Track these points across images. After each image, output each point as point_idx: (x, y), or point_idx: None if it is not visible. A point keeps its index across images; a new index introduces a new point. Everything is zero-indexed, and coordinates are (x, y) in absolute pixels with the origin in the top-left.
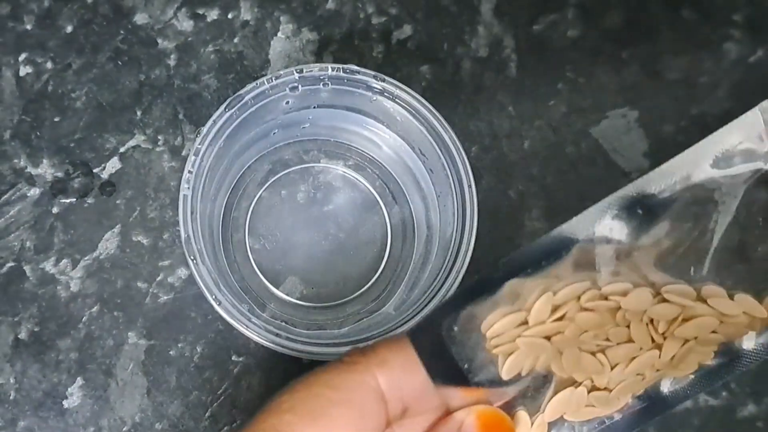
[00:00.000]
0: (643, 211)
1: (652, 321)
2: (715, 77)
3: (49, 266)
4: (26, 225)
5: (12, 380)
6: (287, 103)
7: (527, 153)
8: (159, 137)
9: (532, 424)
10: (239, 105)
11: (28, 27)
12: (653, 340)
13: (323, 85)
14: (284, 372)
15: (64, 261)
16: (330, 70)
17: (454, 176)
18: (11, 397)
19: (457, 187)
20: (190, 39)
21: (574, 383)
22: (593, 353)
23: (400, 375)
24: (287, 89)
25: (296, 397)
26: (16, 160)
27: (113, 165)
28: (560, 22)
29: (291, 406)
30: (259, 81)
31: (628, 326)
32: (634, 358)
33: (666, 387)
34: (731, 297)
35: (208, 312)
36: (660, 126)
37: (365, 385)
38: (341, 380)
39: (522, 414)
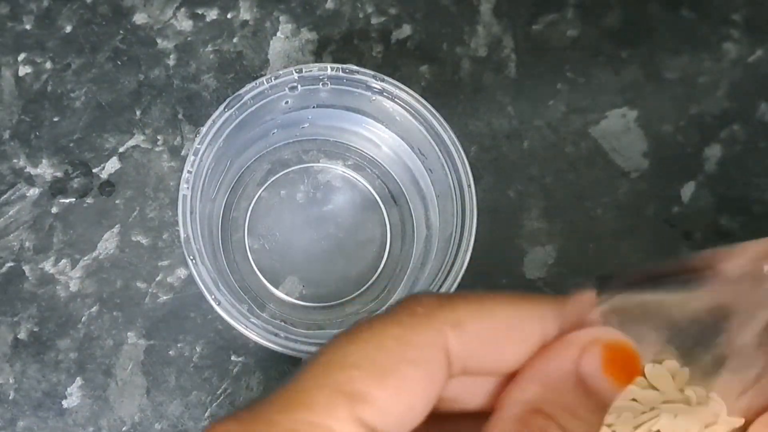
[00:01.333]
0: None
1: None
2: (715, 77)
3: (48, 266)
4: (25, 225)
5: (11, 380)
6: (286, 102)
7: (526, 153)
8: (158, 137)
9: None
10: (238, 105)
11: (28, 27)
12: None
13: (322, 84)
14: (283, 372)
15: (64, 261)
16: (329, 69)
17: (453, 176)
18: (10, 397)
19: (457, 187)
20: (189, 39)
21: None
22: None
23: (471, 343)
24: (286, 89)
25: (364, 350)
26: (15, 160)
27: (112, 165)
28: (559, 21)
29: (358, 361)
30: (258, 81)
31: None
32: None
33: None
34: None
35: (208, 312)
36: (659, 126)
37: (438, 345)
38: (414, 336)
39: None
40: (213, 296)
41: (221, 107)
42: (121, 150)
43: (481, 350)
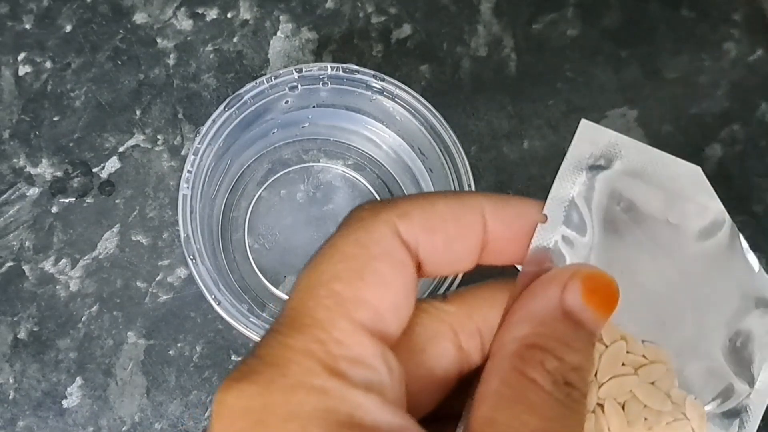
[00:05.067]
0: None
1: None
2: (715, 76)
3: (48, 266)
4: (25, 224)
5: (11, 380)
6: (287, 102)
7: (526, 152)
8: (158, 137)
9: None
10: (238, 104)
11: (27, 26)
12: None
13: (323, 84)
14: None
15: (64, 261)
16: (329, 69)
17: (453, 176)
18: (10, 397)
19: (457, 187)
20: (189, 38)
21: None
22: None
23: (419, 231)
24: (287, 88)
25: (335, 263)
26: (15, 160)
27: (112, 164)
28: (559, 21)
29: (335, 274)
30: (258, 80)
31: None
32: None
33: None
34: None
35: (208, 311)
36: (659, 125)
37: (392, 235)
38: (368, 234)
39: None
40: (213, 296)
41: (221, 107)
42: (121, 149)
43: (430, 239)
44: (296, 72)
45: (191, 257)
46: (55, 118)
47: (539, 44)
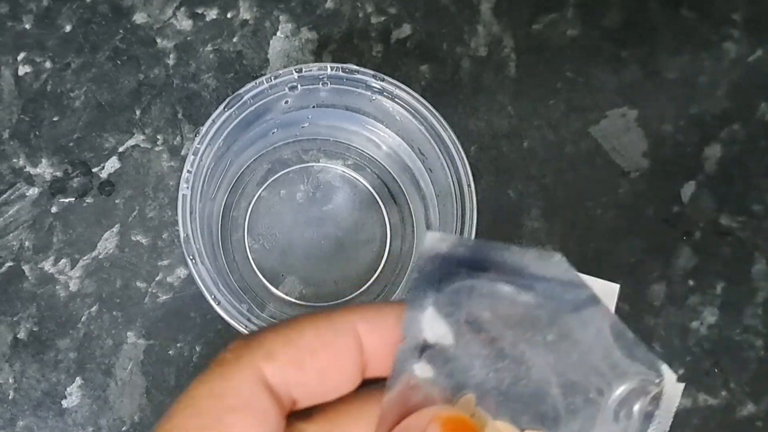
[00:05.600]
0: None
1: None
2: (715, 77)
3: (48, 266)
4: (25, 224)
5: (11, 380)
6: (286, 102)
7: (526, 152)
8: (158, 137)
9: None
10: (238, 104)
11: (27, 26)
12: None
13: (322, 84)
14: None
15: (63, 261)
16: (329, 69)
17: (453, 176)
18: (10, 397)
19: (457, 187)
20: (189, 38)
21: None
22: None
23: (288, 370)
24: (286, 89)
25: (186, 417)
26: (15, 160)
27: (112, 164)
28: (559, 21)
29: None
30: (258, 80)
31: None
32: None
33: None
34: None
35: (208, 312)
36: (659, 125)
37: (254, 382)
38: (226, 383)
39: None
40: (213, 296)
41: (221, 107)
42: (120, 150)
43: (302, 375)
44: (296, 72)
45: (191, 257)
46: (55, 118)
47: (539, 44)
